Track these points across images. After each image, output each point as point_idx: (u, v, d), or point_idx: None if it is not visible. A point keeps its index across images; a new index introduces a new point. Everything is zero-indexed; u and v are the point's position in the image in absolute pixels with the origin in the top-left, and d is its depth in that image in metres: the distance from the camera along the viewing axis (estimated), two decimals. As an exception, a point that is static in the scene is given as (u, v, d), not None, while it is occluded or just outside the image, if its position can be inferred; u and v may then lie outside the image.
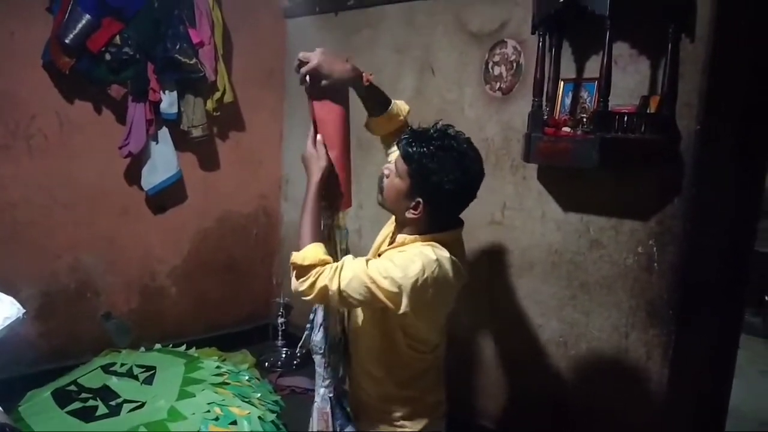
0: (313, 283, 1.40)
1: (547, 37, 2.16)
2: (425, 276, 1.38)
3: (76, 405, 2.38)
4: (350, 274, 1.39)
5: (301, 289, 1.42)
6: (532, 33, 2.21)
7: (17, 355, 2.83)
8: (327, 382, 1.61)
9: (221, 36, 3.25)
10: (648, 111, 2.01)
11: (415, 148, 1.43)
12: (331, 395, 1.61)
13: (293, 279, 1.44)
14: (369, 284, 1.37)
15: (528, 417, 2.46)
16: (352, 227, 1.56)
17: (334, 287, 1.38)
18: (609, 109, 1.93)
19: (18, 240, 2.88)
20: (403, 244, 1.50)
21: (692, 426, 2.19)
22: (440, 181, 1.41)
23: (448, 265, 1.44)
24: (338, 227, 1.65)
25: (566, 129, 2.09)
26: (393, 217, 1.63)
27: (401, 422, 1.59)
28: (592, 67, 2.17)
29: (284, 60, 3.68)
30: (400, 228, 1.55)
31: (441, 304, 1.53)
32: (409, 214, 1.46)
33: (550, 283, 2.39)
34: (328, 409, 1.58)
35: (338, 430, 1.62)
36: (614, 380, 2.20)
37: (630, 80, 2.09)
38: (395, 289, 1.36)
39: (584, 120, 2.04)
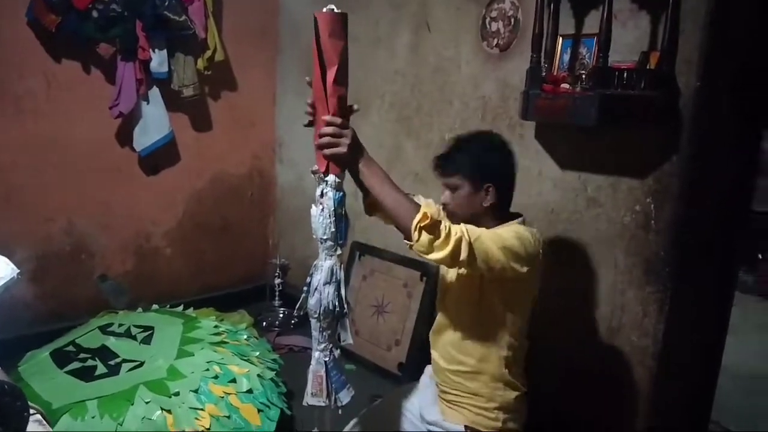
0: (447, 237, 1.42)
1: (546, -9, 2.11)
2: (529, 240, 1.56)
3: (75, 365, 2.39)
4: (477, 231, 1.48)
5: (436, 244, 1.42)
6: (531, -13, 2.16)
7: (15, 317, 2.85)
8: (322, 346, 1.61)
9: (211, -8, 3.17)
10: (648, 67, 1.97)
11: (458, 156, 1.66)
12: (326, 359, 1.61)
13: (420, 239, 1.42)
14: (494, 241, 1.48)
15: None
16: (348, 190, 1.53)
17: (467, 239, 1.44)
18: (608, 65, 1.90)
19: (10, 203, 2.85)
20: None
21: (686, 381, 2.23)
22: (496, 162, 1.67)
23: (538, 238, 1.63)
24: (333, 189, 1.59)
25: (565, 86, 2.05)
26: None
27: (496, 413, 1.69)
28: (592, 22, 2.12)
29: (277, 18, 3.60)
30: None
31: (535, 274, 1.66)
32: (486, 202, 1.65)
33: (547, 242, 2.39)
34: (323, 372, 1.59)
35: (333, 392, 1.63)
36: (610, 337, 2.22)
37: (630, 36, 2.05)
38: (516, 250, 1.51)
39: (583, 76, 2.01)
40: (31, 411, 0.92)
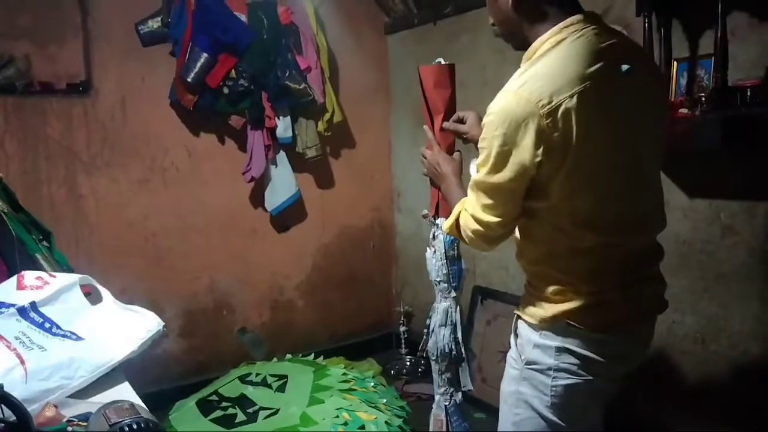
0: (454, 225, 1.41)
1: (653, 17, 2.05)
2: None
3: (218, 413, 2.57)
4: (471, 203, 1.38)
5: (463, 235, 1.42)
6: (637, 15, 2.11)
7: (167, 370, 3.12)
8: (442, 389, 1.62)
9: (326, 59, 3.39)
10: (776, 82, 1.84)
11: None
12: (446, 403, 1.61)
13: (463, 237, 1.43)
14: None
15: (664, 416, 2.31)
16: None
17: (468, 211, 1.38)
18: (729, 84, 1.80)
19: (160, 265, 3.17)
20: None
21: None
22: None
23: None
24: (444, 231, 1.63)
25: (683, 111, 1.97)
26: None
27: (539, 303, 1.41)
28: (707, 42, 2.02)
29: (388, 75, 3.78)
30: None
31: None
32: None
33: (681, 275, 2.23)
34: (443, 417, 1.59)
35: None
36: (760, 375, 2.01)
37: (752, 51, 1.93)
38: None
39: (702, 99, 1.91)
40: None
